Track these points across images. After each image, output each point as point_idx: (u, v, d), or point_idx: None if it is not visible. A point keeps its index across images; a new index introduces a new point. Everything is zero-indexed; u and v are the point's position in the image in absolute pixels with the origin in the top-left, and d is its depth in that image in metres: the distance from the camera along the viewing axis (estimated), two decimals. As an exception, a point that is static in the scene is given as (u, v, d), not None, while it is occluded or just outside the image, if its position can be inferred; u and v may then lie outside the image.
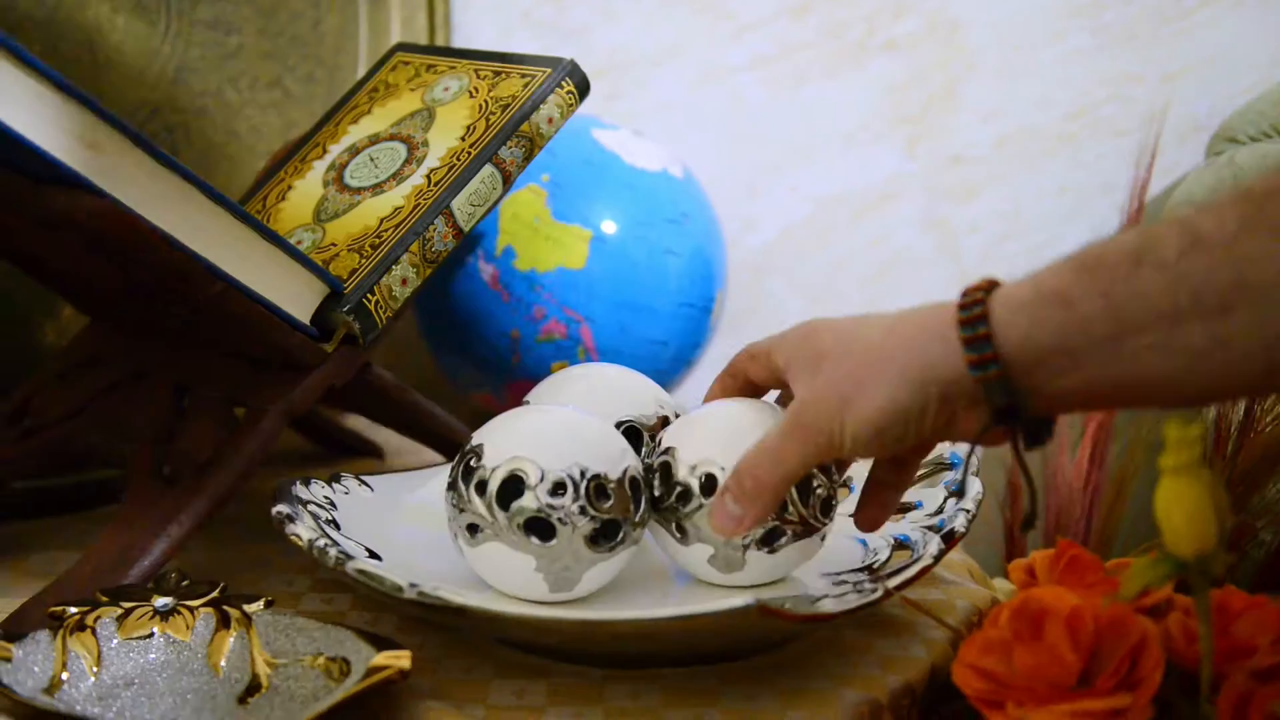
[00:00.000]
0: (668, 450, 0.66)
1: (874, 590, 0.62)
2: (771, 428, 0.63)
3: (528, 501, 0.62)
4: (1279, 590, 0.90)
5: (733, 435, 0.65)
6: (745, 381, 0.68)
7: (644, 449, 0.71)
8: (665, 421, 0.72)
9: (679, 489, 0.65)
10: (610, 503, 0.63)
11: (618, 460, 0.64)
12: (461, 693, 0.62)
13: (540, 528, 0.63)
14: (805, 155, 1.18)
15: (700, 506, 0.64)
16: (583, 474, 0.63)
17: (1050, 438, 0.57)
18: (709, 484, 0.64)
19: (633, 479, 0.65)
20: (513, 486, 0.63)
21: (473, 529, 0.64)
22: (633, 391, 0.74)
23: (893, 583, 0.62)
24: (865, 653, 0.66)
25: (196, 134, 0.99)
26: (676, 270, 0.96)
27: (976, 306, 0.56)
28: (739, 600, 0.57)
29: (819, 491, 0.65)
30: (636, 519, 0.65)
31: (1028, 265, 0.56)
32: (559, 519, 0.62)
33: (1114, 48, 1.16)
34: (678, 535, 0.66)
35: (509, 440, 0.65)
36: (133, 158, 0.64)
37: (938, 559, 0.65)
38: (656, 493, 0.66)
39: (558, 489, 0.62)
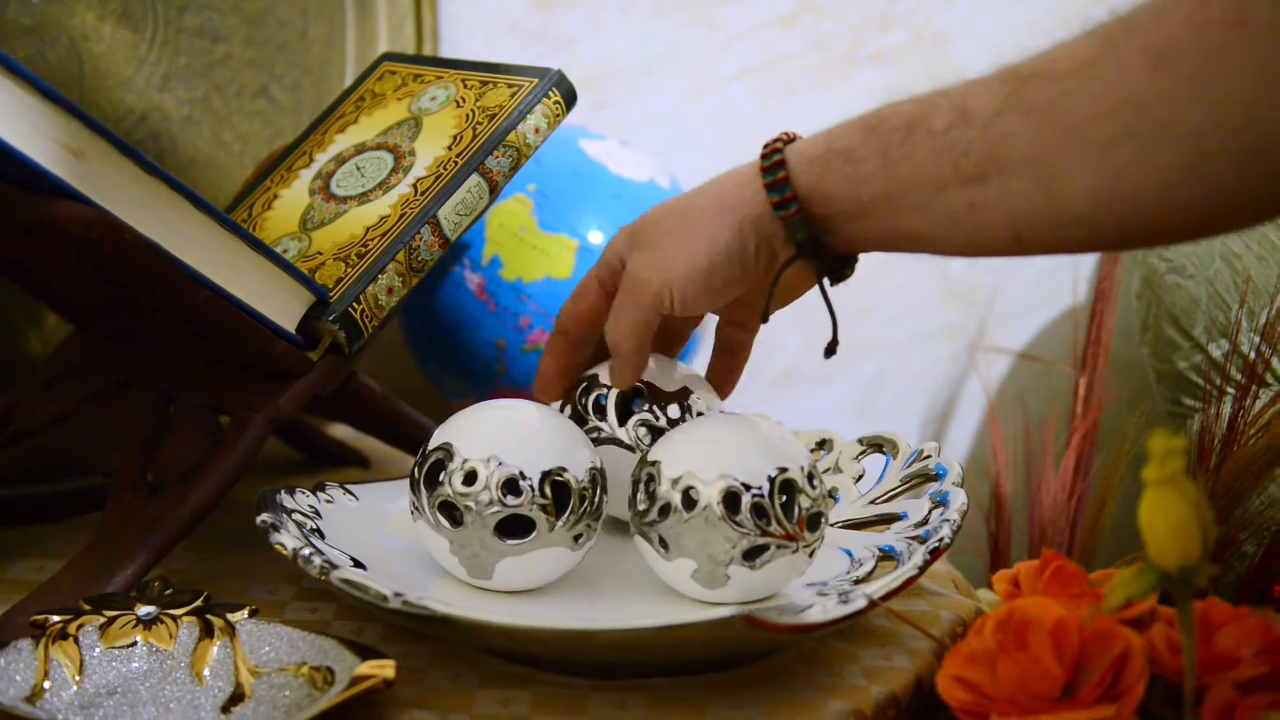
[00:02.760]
0: (654, 463, 0.66)
1: (859, 601, 0.62)
2: (759, 437, 0.64)
3: (444, 487, 0.66)
4: (1262, 602, 0.90)
5: (718, 449, 0.65)
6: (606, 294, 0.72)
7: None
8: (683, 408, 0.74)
9: (661, 503, 0.65)
10: (520, 499, 0.65)
11: (543, 458, 0.66)
12: (446, 702, 0.62)
13: (451, 512, 0.67)
14: (792, 166, 1.18)
15: (683, 520, 0.64)
16: (499, 466, 0.66)
17: (852, 272, 0.66)
18: (689, 499, 0.64)
19: (557, 481, 0.66)
20: (436, 472, 0.67)
21: (413, 507, 0.69)
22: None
23: (877, 593, 0.62)
24: (850, 663, 0.66)
25: (182, 142, 0.99)
26: (663, 280, 0.96)
27: (775, 155, 0.64)
28: (725, 611, 0.57)
29: (805, 506, 0.65)
30: (561, 520, 0.66)
31: (1010, 275, 0.57)
32: (467, 506, 0.66)
33: (1099, 61, 1.16)
34: (661, 549, 0.66)
35: (449, 429, 0.68)
36: (119, 165, 0.64)
37: (922, 569, 0.65)
38: (641, 505, 0.66)
39: (469, 478, 0.66)
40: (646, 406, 0.73)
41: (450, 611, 0.60)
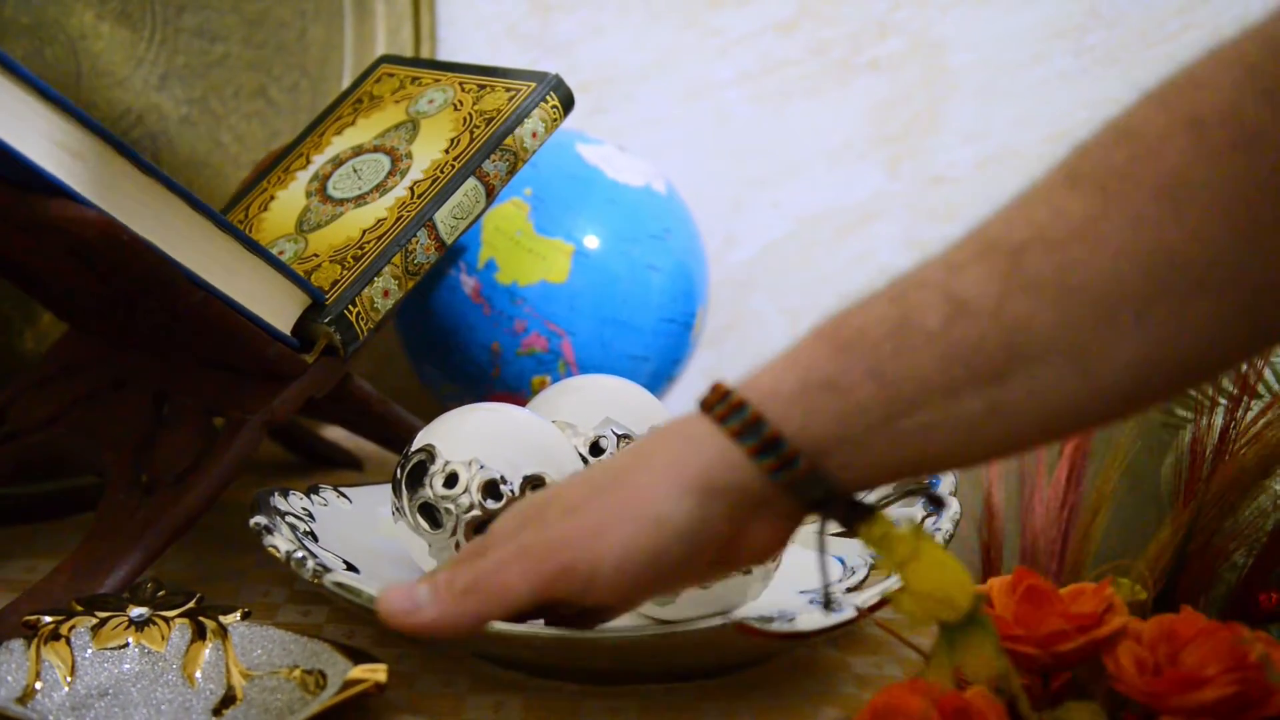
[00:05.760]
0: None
1: (848, 610, 0.62)
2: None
3: (425, 488, 0.67)
4: (1248, 614, 0.90)
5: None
6: None
7: None
8: None
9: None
10: (500, 503, 0.66)
11: (525, 462, 0.66)
12: (438, 707, 0.62)
13: (431, 514, 0.67)
14: (789, 172, 1.18)
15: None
16: (480, 469, 0.66)
17: (866, 517, 0.53)
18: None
19: (538, 486, 0.66)
20: (418, 474, 0.67)
21: (394, 508, 0.69)
22: (631, 404, 0.75)
23: (867, 603, 0.62)
24: (842, 671, 0.66)
25: (180, 142, 0.99)
26: (658, 286, 0.96)
27: (744, 409, 0.52)
28: (716, 618, 0.57)
29: None
30: None
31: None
32: (446, 509, 0.66)
33: (1096, 70, 1.16)
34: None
35: (432, 431, 0.69)
36: (116, 166, 0.64)
37: (915, 579, 0.65)
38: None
39: (450, 480, 0.66)
40: None
41: (443, 616, 0.60)
